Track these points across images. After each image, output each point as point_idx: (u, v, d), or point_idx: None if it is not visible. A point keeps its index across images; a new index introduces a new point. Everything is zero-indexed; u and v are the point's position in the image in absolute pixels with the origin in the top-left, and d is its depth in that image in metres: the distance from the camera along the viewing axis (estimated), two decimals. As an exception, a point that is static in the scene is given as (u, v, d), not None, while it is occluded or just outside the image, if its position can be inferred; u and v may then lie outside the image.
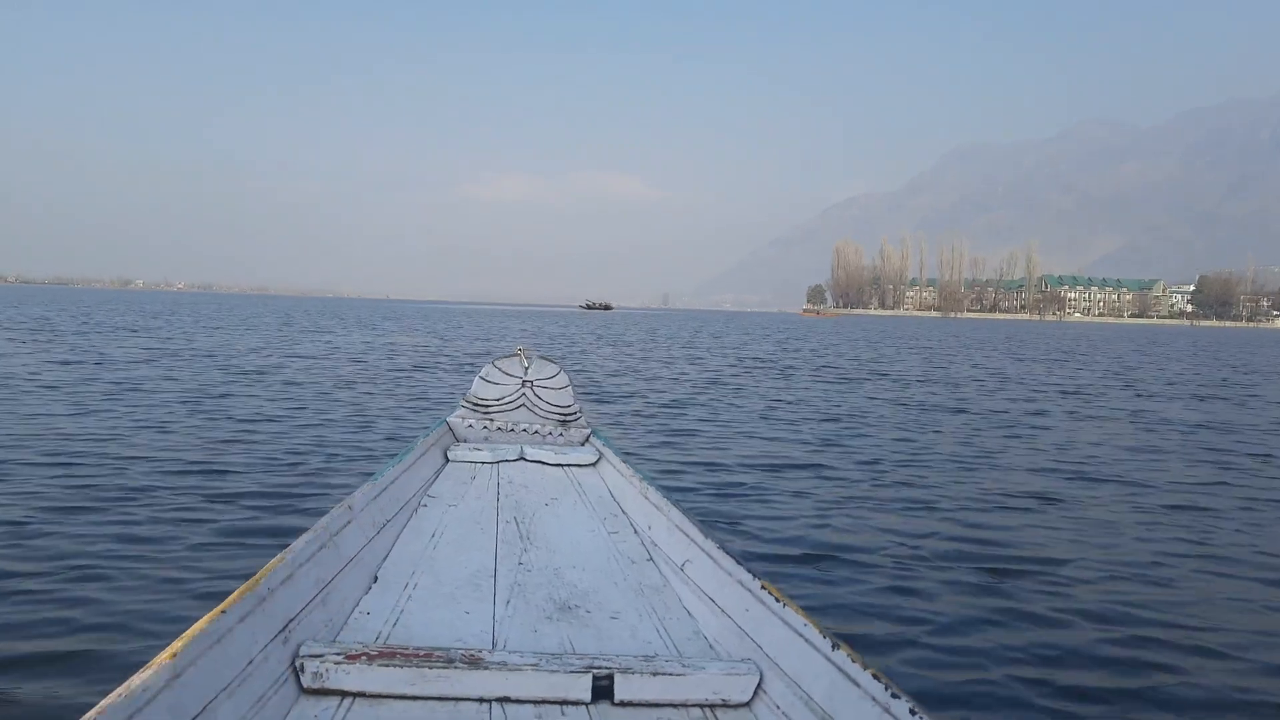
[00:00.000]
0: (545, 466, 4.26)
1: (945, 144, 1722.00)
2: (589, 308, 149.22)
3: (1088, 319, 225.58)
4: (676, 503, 3.05)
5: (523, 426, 4.78)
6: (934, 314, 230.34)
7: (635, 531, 3.22)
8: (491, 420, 4.78)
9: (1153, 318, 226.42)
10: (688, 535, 2.75)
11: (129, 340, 21.46)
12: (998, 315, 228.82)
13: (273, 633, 1.93)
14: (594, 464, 4.27)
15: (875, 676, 1.66)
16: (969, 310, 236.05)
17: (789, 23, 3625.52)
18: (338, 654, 1.95)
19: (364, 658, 1.94)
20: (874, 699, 1.63)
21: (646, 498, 3.31)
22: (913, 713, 1.54)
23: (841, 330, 62.48)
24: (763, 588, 2.17)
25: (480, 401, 4.83)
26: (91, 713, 1.39)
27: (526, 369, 4.92)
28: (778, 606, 2.08)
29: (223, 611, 1.78)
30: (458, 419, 4.72)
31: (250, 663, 1.80)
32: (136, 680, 1.50)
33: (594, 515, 3.47)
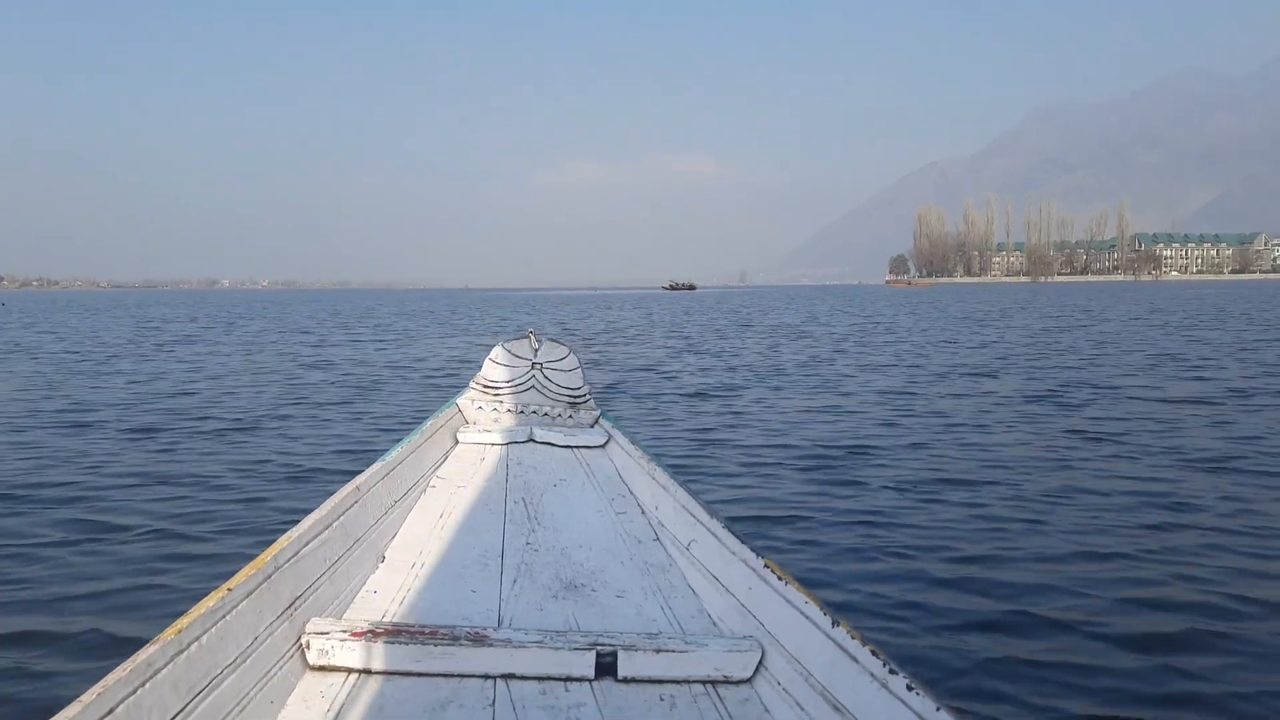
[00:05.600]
0: (554, 448, 4.23)
1: (1025, 104, 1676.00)
2: (673, 288, 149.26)
3: (1185, 277, 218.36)
4: (684, 483, 3.03)
5: (532, 408, 4.75)
6: (1023, 279, 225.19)
7: (642, 511, 3.22)
8: (501, 402, 4.76)
9: (1255, 272, 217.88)
10: (693, 515, 2.76)
11: None
12: (1090, 278, 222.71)
13: (279, 610, 1.94)
14: (603, 445, 4.23)
15: (874, 653, 1.68)
16: (1059, 274, 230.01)
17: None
18: (344, 631, 1.96)
19: (369, 635, 1.95)
20: (872, 674, 1.65)
21: (654, 478, 3.30)
22: (909, 688, 1.56)
23: (980, 302, 48.57)
24: (765, 566, 2.19)
25: (490, 383, 4.83)
26: (96, 687, 1.40)
27: (536, 351, 4.94)
28: (779, 584, 2.09)
29: (229, 589, 1.79)
30: (467, 401, 4.68)
31: (256, 639, 1.81)
32: (141, 655, 1.50)
33: (602, 496, 3.47)
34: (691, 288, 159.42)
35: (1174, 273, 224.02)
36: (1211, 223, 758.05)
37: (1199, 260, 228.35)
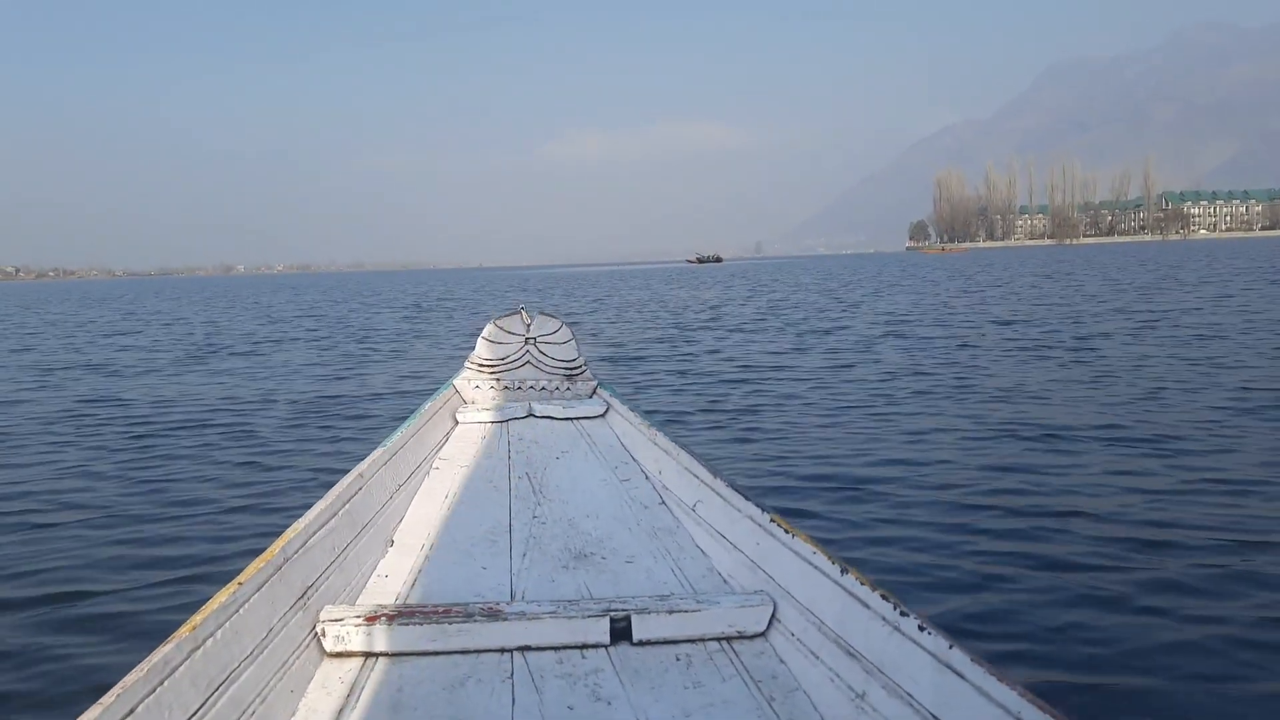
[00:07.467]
0: (554, 421, 4.25)
1: (1038, 63, 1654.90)
2: (700, 261, 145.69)
3: (1215, 235, 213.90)
4: (686, 446, 3.03)
5: (529, 384, 4.78)
6: (1048, 242, 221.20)
7: (646, 477, 3.24)
8: (498, 380, 4.79)
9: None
10: (697, 476, 2.77)
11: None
12: (1116, 239, 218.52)
13: (292, 600, 1.95)
14: (602, 415, 4.25)
15: (884, 597, 1.69)
16: (1085, 236, 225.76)
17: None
18: (358, 616, 1.97)
19: (384, 618, 1.96)
20: (884, 618, 1.67)
21: (655, 443, 3.32)
22: (921, 628, 1.56)
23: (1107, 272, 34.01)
24: (772, 520, 2.20)
25: (485, 362, 4.83)
26: (115, 689, 1.38)
27: (528, 326, 4.93)
28: (787, 538, 2.11)
29: (239, 583, 1.80)
30: (463, 381, 4.70)
31: (271, 630, 1.82)
32: (157, 655, 1.50)
33: (605, 464, 3.48)
34: (718, 260, 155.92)
35: (1203, 231, 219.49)
36: (1231, 179, 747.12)
37: (1228, 217, 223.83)
